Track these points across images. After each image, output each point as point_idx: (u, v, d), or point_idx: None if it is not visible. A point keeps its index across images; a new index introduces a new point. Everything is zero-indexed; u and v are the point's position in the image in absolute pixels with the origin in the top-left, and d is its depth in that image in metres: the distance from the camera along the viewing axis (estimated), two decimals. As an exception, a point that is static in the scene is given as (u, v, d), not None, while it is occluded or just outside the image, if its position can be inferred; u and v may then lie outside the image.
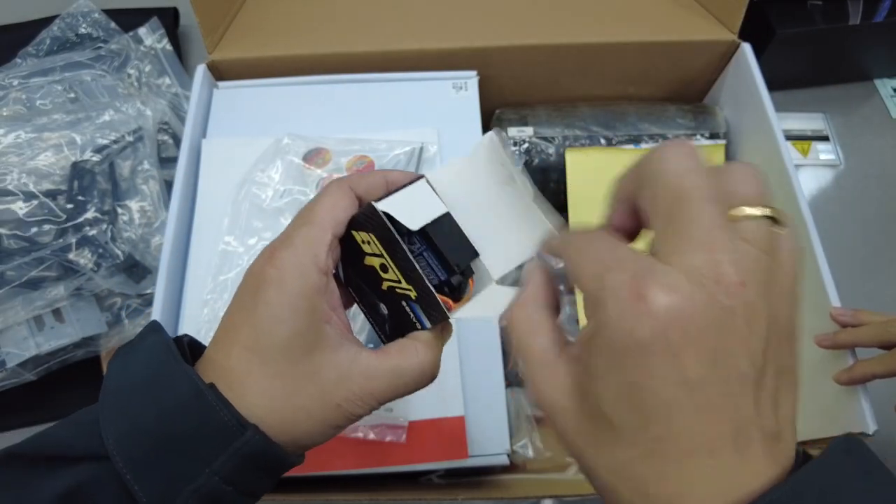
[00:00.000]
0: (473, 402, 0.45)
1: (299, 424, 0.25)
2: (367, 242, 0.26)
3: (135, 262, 0.53)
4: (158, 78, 0.68)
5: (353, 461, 0.43)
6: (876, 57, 0.73)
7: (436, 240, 0.26)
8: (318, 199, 0.26)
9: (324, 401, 0.25)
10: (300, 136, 0.52)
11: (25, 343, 0.51)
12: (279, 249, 0.25)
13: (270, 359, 0.24)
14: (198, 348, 0.28)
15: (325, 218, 0.25)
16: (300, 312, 0.24)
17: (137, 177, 0.58)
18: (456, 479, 0.48)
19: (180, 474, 0.23)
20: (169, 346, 0.25)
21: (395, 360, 0.26)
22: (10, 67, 0.64)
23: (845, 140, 0.72)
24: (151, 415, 0.23)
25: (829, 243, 0.47)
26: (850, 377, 0.42)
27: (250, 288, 0.25)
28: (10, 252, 0.51)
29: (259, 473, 0.24)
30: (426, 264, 0.26)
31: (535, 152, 0.59)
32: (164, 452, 0.23)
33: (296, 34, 0.58)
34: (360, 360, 0.26)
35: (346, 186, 0.27)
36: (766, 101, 0.53)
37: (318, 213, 0.26)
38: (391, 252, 0.25)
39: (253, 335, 0.24)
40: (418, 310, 0.27)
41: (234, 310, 0.25)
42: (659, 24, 0.59)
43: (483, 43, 0.56)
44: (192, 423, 0.23)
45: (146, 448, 0.23)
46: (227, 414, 0.23)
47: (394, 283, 0.26)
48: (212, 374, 0.24)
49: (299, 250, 0.25)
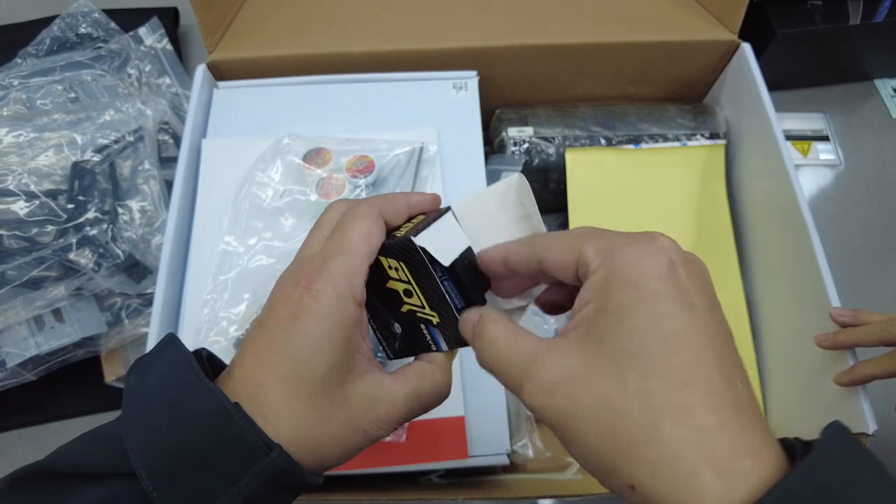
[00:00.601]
0: (473, 402, 0.45)
1: (326, 450, 0.25)
2: (394, 269, 0.27)
3: (135, 261, 0.54)
4: (159, 78, 0.68)
5: (353, 461, 0.43)
6: (876, 57, 0.73)
7: (460, 273, 0.27)
8: (352, 226, 0.26)
9: (352, 427, 0.26)
10: (300, 136, 0.52)
11: (25, 343, 0.51)
12: (317, 280, 0.25)
13: (307, 389, 0.24)
14: (216, 364, 0.28)
15: (361, 248, 0.26)
16: (338, 344, 0.25)
17: (138, 176, 0.58)
18: (456, 479, 0.48)
19: (204, 493, 0.23)
20: (190, 362, 0.24)
21: (414, 383, 0.27)
22: (10, 67, 0.64)
23: (845, 140, 0.72)
24: (177, 432, 0.23)
25: (830, 243, 0.47)
26: (851, 378, 0.42)
27: (285, 315, 0.25)
28: (11, 252, 0.51)
29: (280, 494, 0.24)
30: (448, 293, 0.27)
31: (535, 152, 0.59)
32: (189, 470, 0.23)
33: (296, 34, 0.58)
34: (384, 385, 0.26)
35: (377, 213, 0.27)
36: (767, 101, 0.53)
37: (355, 243, 0.25)
38: (420, 282, 0.26)
39: (290, 364, 0.24)
40: (437, 334, 0.28)
41: (268, 335, 0.25)
42: (659, 24, 0.59)
43: (483, 43, 0.56)
44: (218, 442, 0.23)
45: (171, 466, 0.23)
46: (254, 434, 0.23)
47: (416, 307, 0.27)
48: (240, 394, 0.24)
49: (339, 282, 0.25)
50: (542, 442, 0.52)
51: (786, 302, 0.52)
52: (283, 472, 0.23)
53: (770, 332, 0.54)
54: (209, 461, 0.23)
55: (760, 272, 0.56)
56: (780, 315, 0.53)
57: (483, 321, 0.25)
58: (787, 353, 0.52)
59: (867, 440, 0.41)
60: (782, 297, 0.53)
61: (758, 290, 0.56)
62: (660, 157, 0.59)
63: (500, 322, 0.24)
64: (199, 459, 0.23)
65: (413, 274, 0.26)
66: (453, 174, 0.51)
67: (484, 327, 0.24)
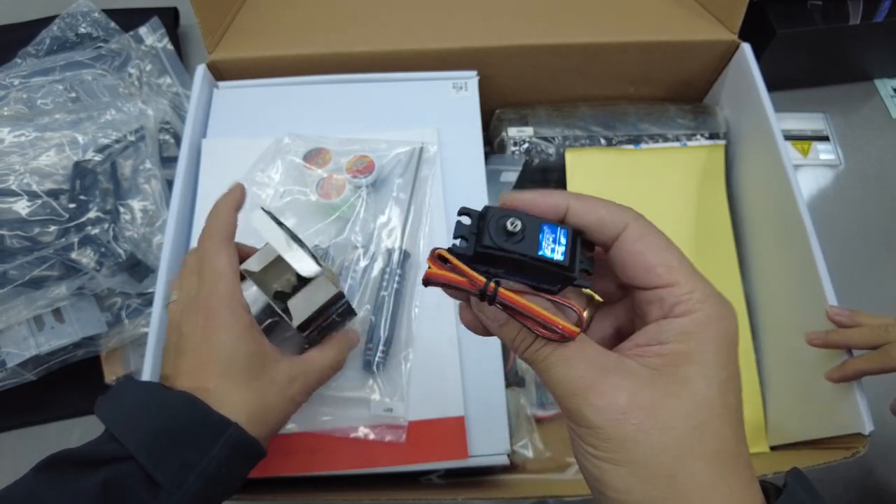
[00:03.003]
0: (473, 402, 0.45)
1: (270, 418, 0.34)
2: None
3: (137, 261, 0.54)
4: (159, 77, 0.68)
5: (354, 461, 0.43)
6: (876, 57, 0.73)
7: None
8: (217, 258, 0.35)
9: (283, 398, 0.35)
10: (300, 136, 0.52)
11: (25, 343, 0.51)
12: (212, 304, 0.33)
13: (240, 378, 0.33)
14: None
15: (229, 270, 0.34)
16: (247, 340, 0.34)
17: (139, 176, 0.58)
18: (456, 479, 0.48)
19: (188, 461, 0.30)
20: (151, 383, 0.34)
21: (318, 358, 0.38)
22: (10, 67, 0.64)
23: (845, 140, 0.72)
24: (159, 419, 0.30)
25: (829, 243, 0.47)
26: (842, 374, 0.42)
27: (200, 337, 0.33)
28: (13, 251, 0.51)
29: (242, 460, 0.32)
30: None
31: (535, 152, 0.59)
32: (173, 446, 0.30)
33: (296, 34, 0.58)
34: (297, 363, 0.36)
35: (227, 238, 0.36)
36: (766, 101, 0.53)
37: (224, 268, 0.34)
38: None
39: (221, 366, 0.33)
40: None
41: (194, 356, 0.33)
42: (659, 24, 0.59)
43: (483, 43, 0.56)
44: (191, 423, 0.31)
45: (159, 445, 0.30)
46: (216, 414, 0.31)
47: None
48: (197, 394, 0.32)
49: (227, 300, 0.33)
50: (543, 442, 0.52)
51: (784, 302, 0.52)
52: (241, 441, 0.31)
53: (769, 332, 0.54)
54: (187, 438, 0.30)
55: (760, 272, 0.56)
56: (778, 315, 0.53)
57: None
58: (785, 353, 0.52)
59: (864, 441, 0.41)
60: (781, 297, 0.53)
61: (757, 290, 0.56)
62: (660, 158, 0.59)
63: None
64: (179, 437, 0.30)
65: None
66: (453, 174, 0.51)
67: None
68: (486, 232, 0.22)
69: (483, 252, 0.22)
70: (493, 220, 0.22)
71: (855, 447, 0.41)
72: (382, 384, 0.44)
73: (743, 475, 0.21)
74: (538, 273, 0.23)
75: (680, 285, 0.22)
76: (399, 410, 0.44)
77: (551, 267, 0.22)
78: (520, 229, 0.22)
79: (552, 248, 0.23)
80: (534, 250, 0.22)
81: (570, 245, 0.23)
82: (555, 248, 0.23)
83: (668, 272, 0.22)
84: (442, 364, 0.45)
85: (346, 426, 0.44)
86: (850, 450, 0.41)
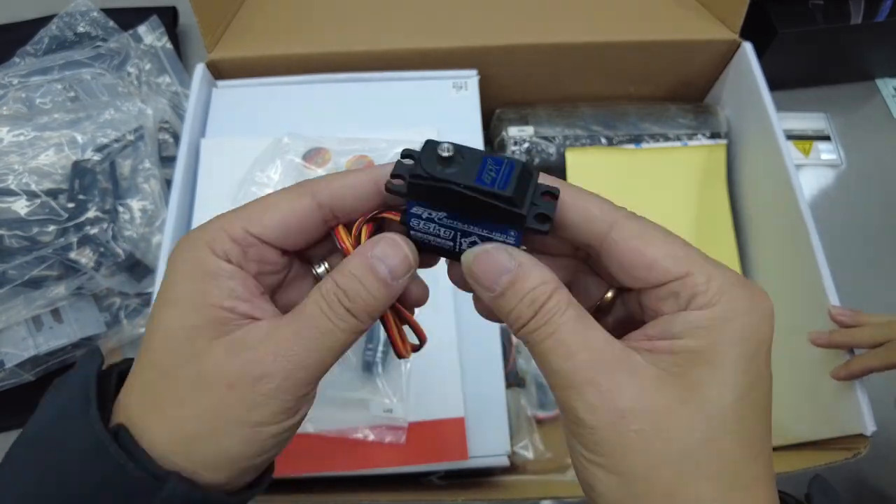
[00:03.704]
0: (473, 403, 0.45)
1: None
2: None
3: (136, 260, 0.53)
4: (158, 76, 0.68)
5: (353, 462, 0.43)
6: (877, 56, 0.73)
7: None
8: (175, 283, 0.22)
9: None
10: (300, 136, 0.51)
11: (24, 343, 0.51)
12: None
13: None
14: None
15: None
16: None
17: (138, 175, 0.58)
18: (456, 481, 0.48)
19: None
20: (87, 382, 0.20)
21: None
22: (9, 66, 0.63)
23: (847, 140, 0.72)
24: (49, 480, 0.19)
25: (830, 243, 0.47)
26: (848, 372, 0.42)
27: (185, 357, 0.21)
28: (12, 251, 0.51)
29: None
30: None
31: (536, 152, 0.59)
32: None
33: (295, 33, 0.57)
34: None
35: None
36: (768, 100, 0.53)
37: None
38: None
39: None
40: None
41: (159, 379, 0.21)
42: (660, 24, 0.59)
43: (483, 42, 0.56)
44: (91, 488, 0.19)
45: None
46: (135, 469, 0.18)
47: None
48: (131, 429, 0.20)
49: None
50: (543, 443, 0.52)
51: (786, 301, 0.52)
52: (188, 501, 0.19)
53: (770, 333, 0.54)
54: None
55: (761, 272, 0.56)
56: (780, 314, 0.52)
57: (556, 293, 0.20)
58: (787, 353, 0.52)
59: (866, 441, 0.41)
60: (783, 297, 0.53)
61: (758, 291, 0.56)
62: (661, 157, 0.59)
63: (573, 307, 0.20)
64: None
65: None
66: (453, 174, 0.51)
67: (561, 296, 0.20)
68: (419, 162, 0.20)
69: (415, 184, 0.20)
70: (429, 149, 0.20)
71: (856, 448, 0.41)
72: (382, 385, 0.44)
73: (758, 498, 0.18)
74: (483, 214, 0.20)
75: (693, 275, 0.19)
76: (399, 411, 0.43)
77: (494, 202, 0.19)
78: (453, 154, 0.19)
79: (492, 179, 0.19)
80: (470, 178, 0.19)
81: (516, 178, 0.19)
82: (496, 178, 0.19)
83: (676, 263, 0.19)
84: (442, 365, 0.45)
85: (345, 427, 0.43)
86: (851, 450, 0.41)
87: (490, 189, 0.19)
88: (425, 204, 0.21)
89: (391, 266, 0.21)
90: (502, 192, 0.19)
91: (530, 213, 0.20)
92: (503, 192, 0.19)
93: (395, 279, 0.21)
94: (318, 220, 0.22)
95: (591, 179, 0.58)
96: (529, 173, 0.20)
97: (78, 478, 0.19)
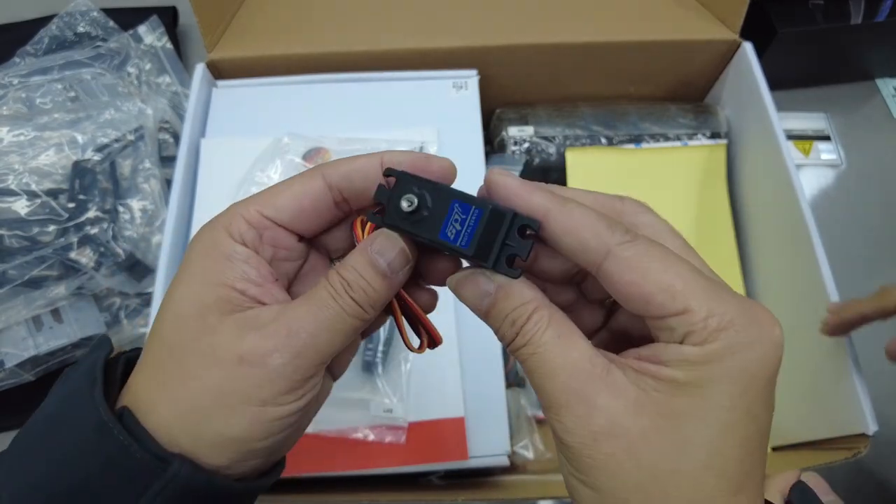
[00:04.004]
0: (473, 403, 0.45)
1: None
2: None
3: (136, 260, 0.53)
4: (158, 76, 0.68)
5: (353, 462, 0.43)
6: (877, 56, 0.73)
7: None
8: (190, 263, 0.22)
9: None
10: (300, 136, 0.51)
11: (24, 343, 0.51)
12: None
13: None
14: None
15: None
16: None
17: (138, 175, 0.58)
18: (456, 481, 0.48)
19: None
20: (94, 366, 0.21)
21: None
22: (9, 66, 0.63)
23: (847, 140, 0.72)
24: (54, 462, 0.19)
25: (831, 243, 0.47)
26: (840, 319, 0.40)
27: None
28: (12, 251, 0.51)
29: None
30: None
31: (536, 152, 0.59)
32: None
33: (295, 33, 0.57)
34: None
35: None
36: (768, 100, 0.53)
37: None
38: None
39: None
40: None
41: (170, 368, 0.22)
42: (660, 24, 0.59)
43: (483, 42, 0.56)
44: (95, 469, 0.19)
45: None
46: (139, 449, 0.19)
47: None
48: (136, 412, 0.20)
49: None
50: (543, 443, 0.52)
51: (787, 301, 0.52)
52: (193, 487, 0.19)
53: (770, 333, 0.54)
54: (96, 492, 0.19)
55: (762, 272, 0.56)
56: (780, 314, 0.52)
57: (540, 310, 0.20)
58: (788, 353, 0.51)
59: (866, 441, 0.41)
60: (783, 297, 0.53)
61: (759, 290, 0.56)
62: (661, 157, 0.59)
63: (561, 320, 0.20)
64: (78, 497, 0.19)
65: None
66: (453, 174, 0.51)
67: (541, 315, 0.20)
68: (388, 208, 0.21)
69: (392, 226, 0.21)
70: (396, 195, 0.20)
71: (856, 447, 0.41)
72: (382, 385, 0.44)
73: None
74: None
75: (691, 312, 0.18)
76: (399, 411, 0.43)
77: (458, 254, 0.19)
78: (416, 207, 0.20)
79: (456, 232, 0.19)
80: (434, 232, 0.20)
81: (482, 229, 0.19)
82: (460, 232, 0.19)
83: (672, 299, 0.18)
84: (442, 365, 0.45)
85: (345, 427, 0.43)
86: (851, 450, 0.41)
87: (453, 245, 0.20)
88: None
89: (389, 260, 0.21)
90: (464, 250, 0.19)
91: (501, 254, 0.20)
92: (465, 251, 0.19)
93: (395, 272, 0.22)
94: (329, 202, 0.23)
95: (591, 179, 0.58)
96: (501, 216, 0.20)
97: (83, 458, 0.19)
